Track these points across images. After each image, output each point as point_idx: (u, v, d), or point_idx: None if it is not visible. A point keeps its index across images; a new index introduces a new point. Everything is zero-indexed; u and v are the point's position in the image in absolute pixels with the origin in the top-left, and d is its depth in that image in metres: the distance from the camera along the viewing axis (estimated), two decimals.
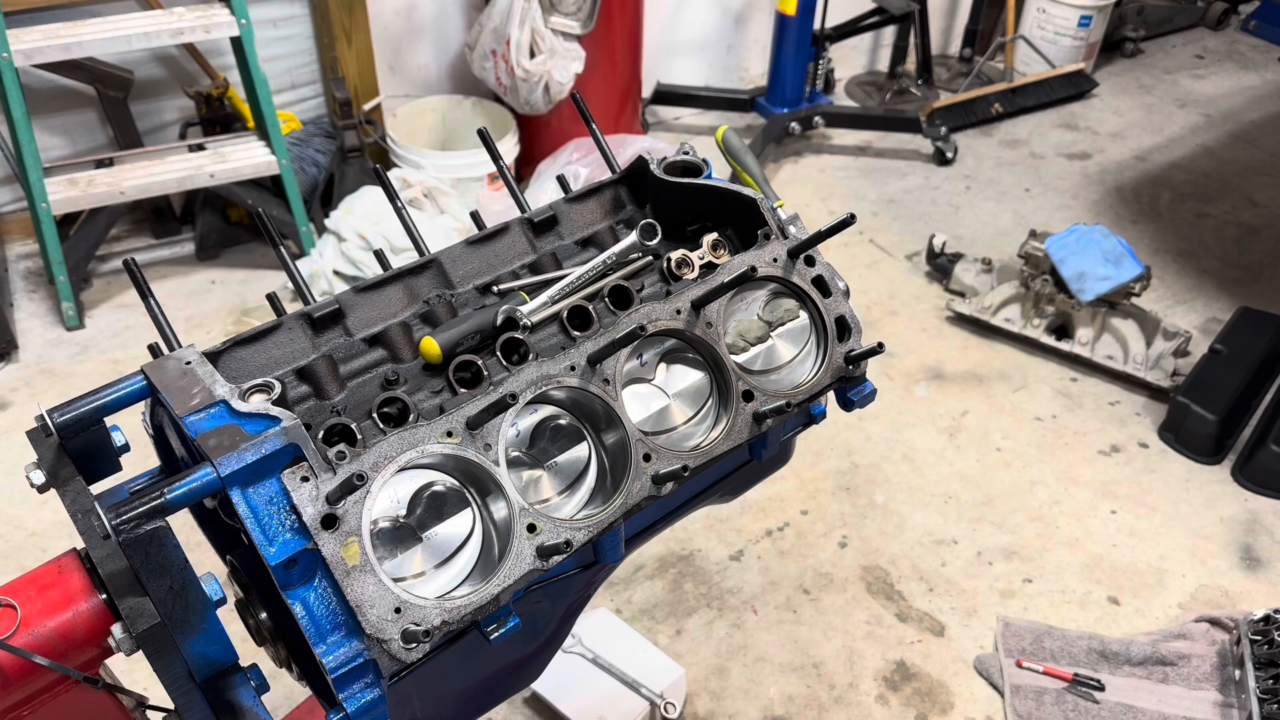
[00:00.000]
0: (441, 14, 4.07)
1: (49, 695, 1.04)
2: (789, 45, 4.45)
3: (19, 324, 3.45)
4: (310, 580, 0.97)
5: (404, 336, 1.21)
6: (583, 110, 1.43)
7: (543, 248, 1.34)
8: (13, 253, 3.76)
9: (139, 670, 1.10)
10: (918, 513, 2.91)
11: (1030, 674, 2.47)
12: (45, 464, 1.05)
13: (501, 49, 3.68)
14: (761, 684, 2.46)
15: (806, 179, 4.49)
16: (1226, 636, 2.54)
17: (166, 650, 0.99)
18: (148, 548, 0.94)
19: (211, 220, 3.75)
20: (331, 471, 0.98)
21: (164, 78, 3.75)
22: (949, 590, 2.70)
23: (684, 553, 2.76)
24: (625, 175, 1.41)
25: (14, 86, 3.04)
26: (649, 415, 1.21)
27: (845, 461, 3.06)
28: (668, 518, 1.35)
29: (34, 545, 2.70)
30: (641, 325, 1.14)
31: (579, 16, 3.75)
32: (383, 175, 1.32)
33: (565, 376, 1.12)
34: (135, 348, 3.38)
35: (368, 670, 0.98)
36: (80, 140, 3.70)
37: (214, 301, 3.62)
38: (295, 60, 3.94)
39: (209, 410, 0.99)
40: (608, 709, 2.25)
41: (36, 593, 1.00)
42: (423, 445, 1.03)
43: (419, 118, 4.06)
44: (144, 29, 3.19)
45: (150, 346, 1.14)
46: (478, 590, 1.02)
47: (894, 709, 2.42)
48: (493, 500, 1.08)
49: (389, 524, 1.04)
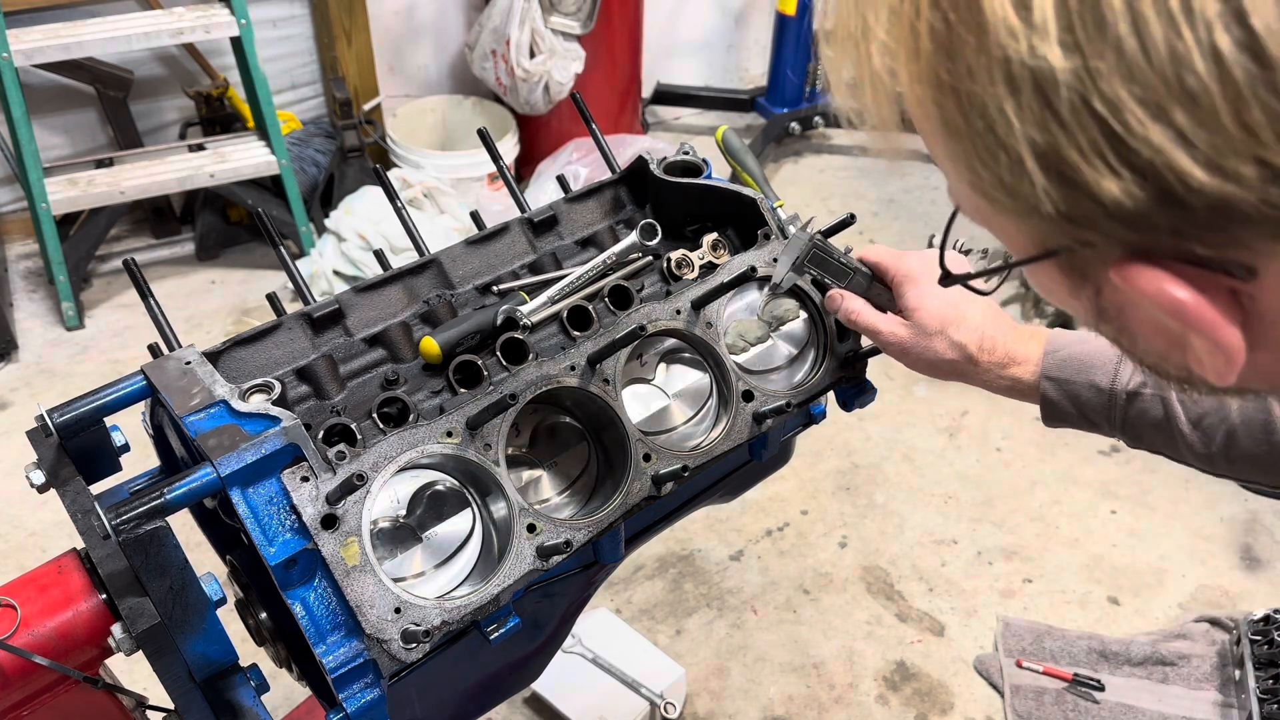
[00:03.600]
0: (441, 14, 4.07)
1: (49, 695, 1.04)
2: (789, 45, 4.44)
3: (19, 324, 3.45)
4: (310, 580, 0.97)
5: (404, 336, 1.21)
6: (583, 110, 1.43)
7: (543, 248, 1.34)
8: (13, 253, 3.76)
9: (139, 670, 1.10)
10: (918, 513, 2.91)
11: (1030, 674, 2.47)
12: (45, 464, 1.05)
13: (501, 49, 3.68)
14: (761, 684, 2.46)
15: (806, 179, 4.49)
16: (1226, 636, 2.54)
17: (166, 650, 0.99)
18: (148, 548, 0.94)
19: (211, 220, 3.75)
20: (331, 471, 0.98)
21: (164, 78, 3.75)
22: (949, 590, 2.70)
23: (684, 553, 2.76)
24: (625, 175, 1.41)
25: (14, 86, 3.03)
26: (649, 415, 1.21)
27: (845, 461, 3.06)
28: (668, 518, 1.35)
29: (34, 545, 2.70)
30: (641, 325, 1.14)
31: (579, 16, 3.75)
32: (383, 175, 1.32)
33: (565, 376, 1.13)
34: (135, 348, 3.38)
35: (367, 670, 0.98)
36: (80, 140, 3.70)
37: (214, 301, 3.62)
38: (295, 60, 3.94)
39: (209, 410, 0.99)
40: (608, 709, 2.25)
41: (36, 593, 1.00)
42: (423, 445, 1.03)
43: (419, 118, 4.06)
44: (144, 29, 3.19)
45: (150, 346, 1.14)
46: (478, 590, 1.02)
47: (894, 709, 2.42)
48: (493, 500, 1.08)
49: (389, 524, 1.04)
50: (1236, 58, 0.41)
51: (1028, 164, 0.48)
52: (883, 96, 0.54)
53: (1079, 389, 1.15)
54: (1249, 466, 1.08)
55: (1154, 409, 1.11)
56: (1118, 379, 1.13)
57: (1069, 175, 0.47)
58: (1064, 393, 1.16)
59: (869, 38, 0.52)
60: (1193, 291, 0.49)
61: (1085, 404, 1.15)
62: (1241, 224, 0.46)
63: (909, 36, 0.50)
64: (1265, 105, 0.42)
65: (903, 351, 1.21)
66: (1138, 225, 0.48)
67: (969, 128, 0.50)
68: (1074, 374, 1.15)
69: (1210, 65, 0.42)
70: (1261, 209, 0.44)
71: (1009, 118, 0.47)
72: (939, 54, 0.49)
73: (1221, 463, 1.09)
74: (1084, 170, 0.47)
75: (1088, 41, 0.44)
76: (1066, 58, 0.44)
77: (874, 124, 0.55)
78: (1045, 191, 0.49)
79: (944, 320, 1.18)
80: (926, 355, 1.19)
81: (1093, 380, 1.14)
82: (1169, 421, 1.10)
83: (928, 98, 0.51)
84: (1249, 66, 0.41)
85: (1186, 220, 0.46)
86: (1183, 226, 0.47)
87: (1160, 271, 0.49)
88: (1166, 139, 0.44)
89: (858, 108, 0.56)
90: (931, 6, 0.48)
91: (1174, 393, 1.10)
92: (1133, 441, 1.16)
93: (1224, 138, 0.43)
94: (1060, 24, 0.44)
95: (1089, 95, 0.45)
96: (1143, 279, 0.50)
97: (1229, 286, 0.50)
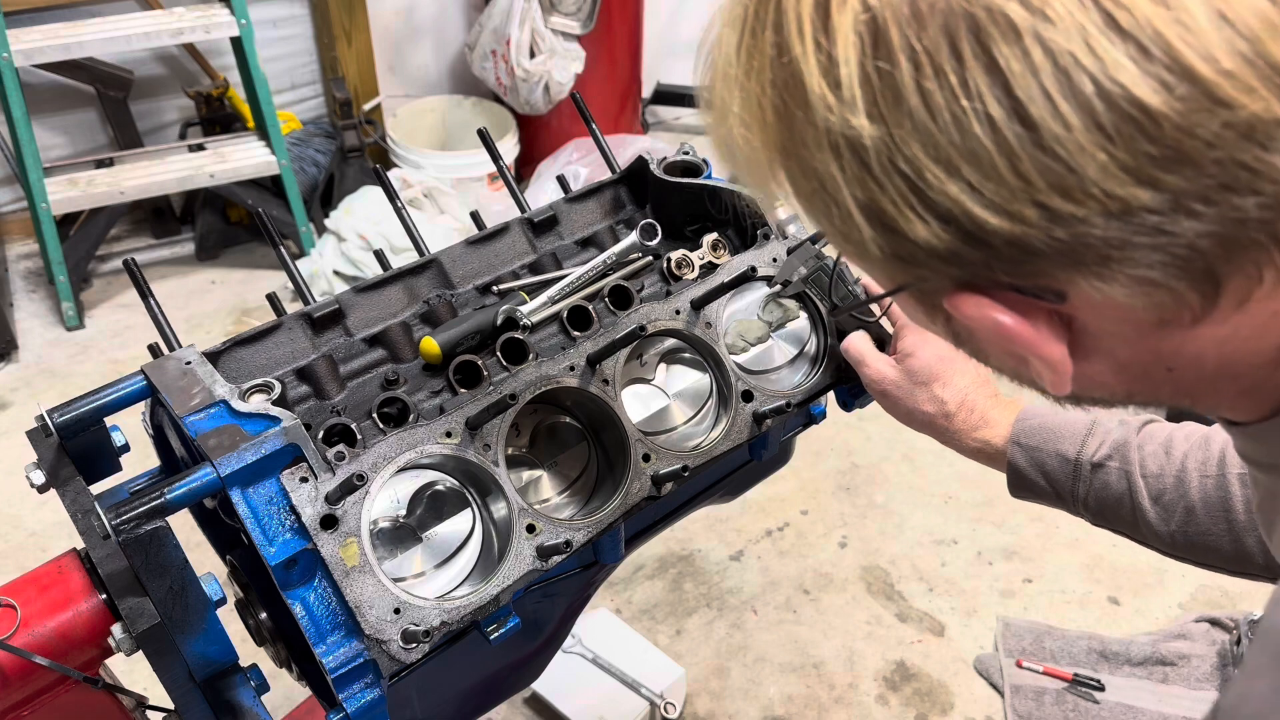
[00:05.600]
0: (441, 14, 4.07)
1: (49, 695, 1.04)
2: None
3: (19, 324, 3.45)
4: (310, 580, 0.97)
5: (404, 336, 1.21)
6: (583, 110, 1.43)
7: (543, 248, 1.34)
8: (13, 253, 3.76)
9: (139, 670, 1.10)
10: (918, 513, 2.91)
11: (1030, 674, 2.47)
12: (45, 464, 1.05)
13: (501, 49, 3.68)
14: (761, 684, 2.46)
15: None
16: (1226, 636, 2.54)
17: (166, 650, 0.99)
18: (148, 548, 0.94)
19: (211, 220, 3.75)
20: (331, 472, 0.98)
21: (164, 78, 3.75)
22: (949, 590, 2.70)
23: (684, 553, 2.76)
24: (625, 175, 1.41)
25: (14, 86, 3.03)
26: (649, 415, 1.21)
27: (845, 461, 3.06)
28: (668, 518, 1.35)
29: (34, 545, 2.70)
30: (641, 325, 1.14)
31: (579, 16, 3.75)
32: (383, 175, 1.32)
33: (565, 376, 1.12)
34: (135, 348, 3.38)
35: (367, 670, 0.98)
36: (80, 140, 3.70)
37: (214, 301, 3.62)
38: (295, 60, 3.94)
39: (209, 410, 0.99)
40: (608, 709, 2.25)
41: (36, 593, 1.00)
42: (422, 445, 1.03)
43: (419, 118, 4.06)
44: (144, 29, 3.18)
45: (150, 346, 1.14)
46: (477, 590, 1.02)
47: (894, 709, 2.42)
48: (492, 500, 1.08)
49: (389, 524, 1.04)
50: (1006, 122, 0.50)
51: (855, 217, 0.57)
52: (744, 162, 0.62)
53: (1045, 457, 1.15)
54: (1205, 547, 1.08)
55: (1117, 482, 1.12)
56: (1084, 449, 1.14)
57: (889, 224, 0.56)
58: (1031, 460, 1.16)
59: (728, 112, 0.60)
60: (1014, 315, 0.57)
61: (1051, 473, 1.15)
62: (1037, 257, 0.54)
63: (758, 111, 0.58)
64: (1034, 159, 0.50)
65: (883, 393, 1.22)
66: (952, 262, 0.56)
67: (809, 187, 0.58)
68: (1042, 441, 1.16)
69: (986, 128, 0.50)
70: (1050, 244, 0.53)
71: (835, 178, 0.56)
72: (780, 126, 0.57)
73: (1181, 541, 1.09)
74: (899, 220, 0.55)
75: (888, 112, 0.52)
76: (873, 126, 0.53)
77: (745, 184, 0.63)
78: (873, 239, 0.57)
79: (933, 373, 1.19)
80: (906, 402, 1.20)
81: (1059, 449, 1.15)
82: (1131, 495, 1.11)
83: (777, 163, 0.59)
84: (1017, 129, 0.50)
85: (991, 256, 0.55)
86: (990, 262, 0.55)
87: (984, 299, 0.58)
88: (960, 190, 0.52)
89: (733, 171, 0.64)
90: (770, 85, 0.57)
91: (1137, 467, 1.11)
92: (1095, 519, 1.16)
93: (1006, 187, 0.51)
94: (866, 98, 0.53)
95: (894, 157, 0.53)
96: (968, 306, 0.58)
97: (1047, 309, 0.58)
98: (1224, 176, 0.49)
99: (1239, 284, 0.54)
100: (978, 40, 0.49)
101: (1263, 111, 0.48)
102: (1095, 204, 0.51)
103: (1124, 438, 1.13)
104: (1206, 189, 0.50)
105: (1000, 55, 0.49)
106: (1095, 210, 0.51)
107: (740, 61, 0.59)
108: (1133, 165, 0.49)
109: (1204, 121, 0.48)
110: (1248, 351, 0.59)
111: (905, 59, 0.51)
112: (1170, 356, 0.60)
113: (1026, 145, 0.50)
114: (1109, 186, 0.50)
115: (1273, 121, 0.48)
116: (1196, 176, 0.49)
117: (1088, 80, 0.48)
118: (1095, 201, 0.50)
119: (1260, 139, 0.48)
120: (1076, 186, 0.50)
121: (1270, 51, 0.47)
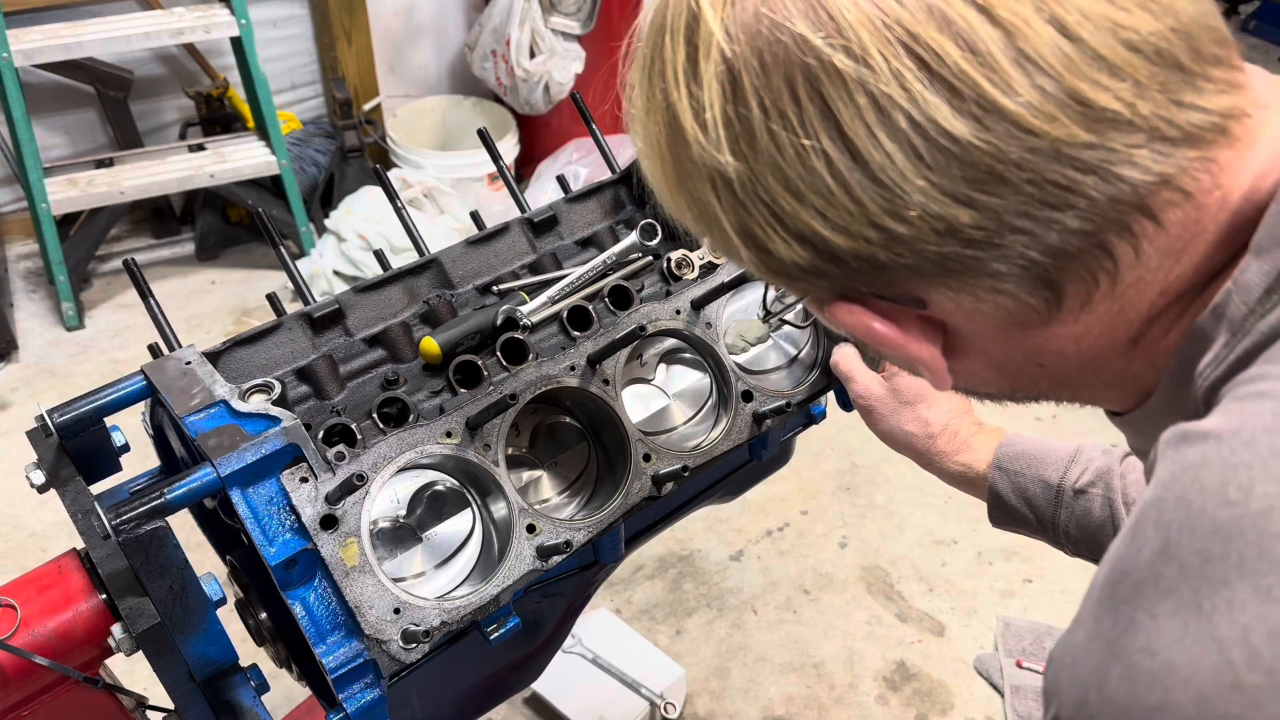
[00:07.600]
0: (441, 14, 4.07)
1: (49, 695, 1.04)
2: None
3: (19, 324, 3.45)
4: (310, 580, 0.97)
5: (404, 336, 1.21)
6: (583, 110, 1.43)
7: (543, 248, 1.34)
8: (13, 253, 3.76)
9: (139, 670, 1.10)
10: (918, 513, 2.91)
11: (1030, 674, 2.47)
12: (45, 464, 1.05)
13: (501, 49, 3.68)
14: (761, 684, 2.46)
15: None
16: None
17: (166, 650, 0.99)
18: (148, 548, 0.94)
19: (211, 220, 3.75)
20: (331, 472, 0.98)
21: (164, 78, 3.75)
22: (949, 590, 2.70)
23: (684, 553, 2.76)
24: (625, 175, 1.41)
25: (14, 86, 3.03)
26: (649, 415, 1.21)
27: (845, 461, 3.06)
28: (668, 518, 1.35)
29: (34, 545, 2.70)
30: (641, 325, 1.14)
31: (579, 16, 3.75)
32: (383, 175, 1.32)
33: (565, 376, 1.13)
34: (135, 348, 3.38)
35: (367, 670, 0.98)
36: (80, 140, 3.69)
37: (214, 301, 3.62)
38: (295, 60, 3.94)
39: (209, 410, 0.99)
40: (608, 709, 2.25)
41: (36, 593, 1.00)
42: (422, 445, 1.03)
43: (419, 118, 4.06)
44: (144, 29, 3.18)
45: (150, 346, 1.14)
46: (477, 590, 1.02)
47: (894, 709, 2.42)
48: (492, 500, 1.08)
49: (389, 524, 1.04)
50: (839, 156, 0.57)
51: (733, 240, 0.64)
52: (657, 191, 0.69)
53: (1027, 482, 1.16)
54: None
55: (1100, 509, 1.12)
56: (1067, 475, 1.14)
57: (761, 245, 0.63)
58: (1012, 485, 1.16)
59: (639, 149, 0.68)
60: (884, 321, 0.64)
61: (1032, 499, 1.16)
62: (888, 270, 0.61)
63: (656, 147, 0.66)
64: (864, 187, 0.57)
65: (868, 409, 1.22)
66: (820, 276, 0.63)
67: (696, 213, 0.66)
68: (1024, 467, 1.16)
69: (823, 162, 0.57)
70: (895, 260, 0.60)
71: (714, 206, 0.64)
72: (672, 161, 0.65)
73: None
74: (767, 242, 0.62)
75: (747, 150, 0.60)
76: (737, 162, 0.60)
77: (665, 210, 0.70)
78: (750, 259, 0.65)
79: (920, 393, 1.20)
80: (890, 421, 1.21)
81: (1042, 475, 1.15)
82: (1113, 523, 1.11)
83: (676, 192, 0.67)
84: (848, 162, 0.57)
85: (848, 271, 0.62)
86: (849, 275, 0.62)
87: (857, 307, 0.64)
88: (810, 216, 0.59)
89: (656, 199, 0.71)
90: (663, 125, 0.64)
91: (1119, 495, 1.11)
92: (1075, 548, 1.16)
93: (847, 212, 0.58)
94: (729, 138, 0.60)
95: (756, 188, 0.60)
96: (843, 314, 0.65)
97: (914, 314, 0.64)
98: (1041, 195, 0.56)
99: (1078, 289, 0.60)
100: (812, 87, 0.57)
101: (1066, 137, 0.54)
102: (924, 224, 0.57)
103: (1107, 465, 1.13)
104: (1025, 206, 0.56)
105: (830, 99, 0.56)
106: (925, 229, 0.58)
107: (641, 104, 0.66)
108: (951, 188, 0.56)
109: (1011, 148, 0.55)
110: (1102, 347, 0.64)
111: (755, 104, 0.58)
112: (1037, 353, 0.66)
113: (857, 175, 0.57)
114: (932, 208, 0.57)
115: (1079, 144, 0.54)
116: (1013, 196, 0.56)
117: (903, 117, 0.55)
118: (923, 221, 0.57)
119: (1068, 160, 0.55)
120: (904, 209, 0.57)
121: (1071, 85, 0.54)
